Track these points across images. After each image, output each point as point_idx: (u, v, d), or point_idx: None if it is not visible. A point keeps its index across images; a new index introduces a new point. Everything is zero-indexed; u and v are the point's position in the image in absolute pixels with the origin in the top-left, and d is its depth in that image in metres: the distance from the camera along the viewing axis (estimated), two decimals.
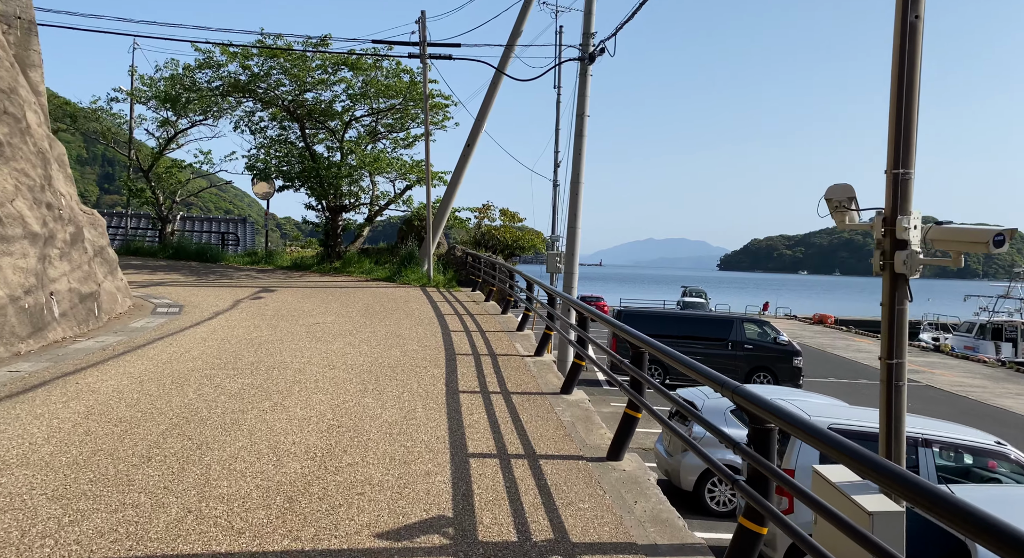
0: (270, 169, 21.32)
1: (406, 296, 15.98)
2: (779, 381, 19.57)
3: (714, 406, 9.93)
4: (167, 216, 24.30)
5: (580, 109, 18.06)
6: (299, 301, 14.44)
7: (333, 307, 13.67)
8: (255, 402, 6.38)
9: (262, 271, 21.13)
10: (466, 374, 8.01)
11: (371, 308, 13.70)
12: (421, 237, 21.08)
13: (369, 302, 14.62)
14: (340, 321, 11.84)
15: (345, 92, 21.35)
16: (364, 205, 22.96)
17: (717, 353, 19.73)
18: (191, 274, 19.22)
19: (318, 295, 15.62)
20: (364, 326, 11.37)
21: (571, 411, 6.64)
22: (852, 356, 30.81)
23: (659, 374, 19.72)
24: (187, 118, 23.37)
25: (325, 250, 22.53)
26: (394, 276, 19.34)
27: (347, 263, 21.46)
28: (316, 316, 12.37)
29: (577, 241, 18.34)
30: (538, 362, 8.94)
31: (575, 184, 18.17)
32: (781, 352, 19.81)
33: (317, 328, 10.97)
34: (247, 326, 10.94)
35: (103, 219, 13.36)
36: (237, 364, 8.01)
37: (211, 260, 23.02)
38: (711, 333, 20.10)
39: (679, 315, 20.24)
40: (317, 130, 22.92)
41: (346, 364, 8.27)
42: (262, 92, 20.86)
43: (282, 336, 10.10)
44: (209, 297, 14.66)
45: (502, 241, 21.01)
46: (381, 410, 6.33)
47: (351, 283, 18.52)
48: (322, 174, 20.58)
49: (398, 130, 23.32)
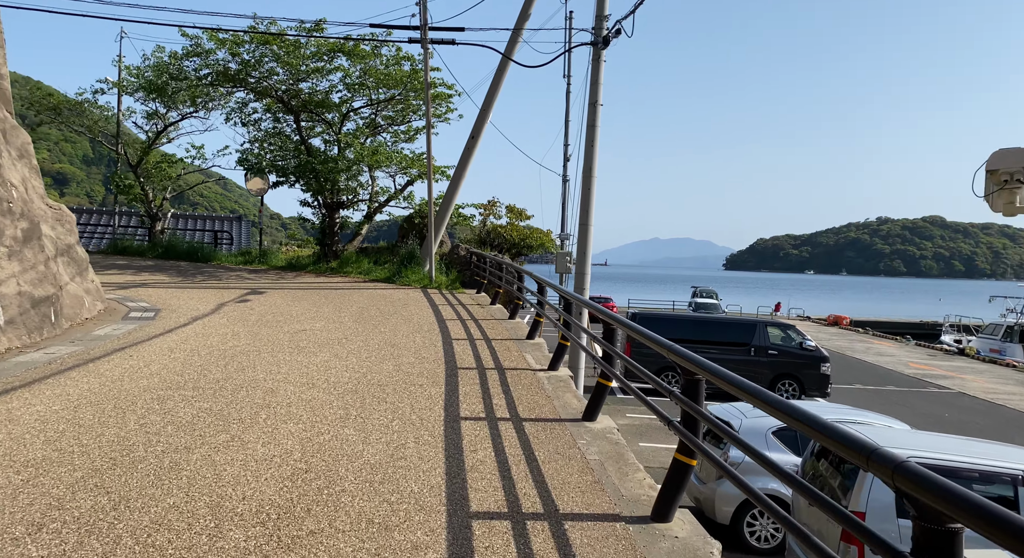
0: (263, 164, 20.12)
1: (405, 299, 14.76)
2: (805, 390, 18.30)
3: (753, 426, 8.68)
4: (157, 213, 23.13)
5: (593, 97, 16.83)
6: (288, 304, 13.24)
7: (324, 311, 12.46)
8: (208, 435, 5.16)
9: (254, 271, 19.94)
10: (469, 394, 6.77)
11: (366, 312, 12.48)
12: (423, 235, 19.87)
13: (364, 305, 13.40)
14: (330, 328, 10.63)
15: (342, 81, 20.15)
16: (363, 202, 21.76)
17: (738, 359, 18.46)
18: (178, 275, 18.05)
19: (310, 298, 14.42)
20: (356, 334, 10.15)
21: (598, 446, 5.40)
22: (874, 360, 29.48)
23: (675, 381, 18.46)
24: (177, 110, 22.21)
25: (321, 249, 21.34)
26: (393, 277, 18.13)
27: (344, 263, 20.26)
28: (304, 322, 11.16)
29: (589, 240, 17.13)
30: (553, 378, 7.70)
31: (587, 178, 16.95)
32: (807, 358, 18.52)
33: (303, 336, 9.75)
34: (224, 334, 9.73)
35: (72, 215, 12.17)
36: (200, 382, 6.79)
37: (202, 260, 21.86)
38: (732, 337, 18.83)
39: (697, 318, 19.01)
40: (313, 123, 21.73)
41: (328, 382, 7.05)
42: (254, 82, 19.67)
43: (261, 346, 8.89)
44: (191, 300, 13.48)
45: (509, 240, 19.76)
46: (363, 445, 5.10)
47: (347, 284, 17.31)
48: (318, 169, 19.38)
49: (399, 123, 22.12)
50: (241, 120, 20.86)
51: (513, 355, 8.94)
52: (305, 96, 20.34)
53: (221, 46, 18.41)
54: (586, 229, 16.99)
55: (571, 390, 7.16)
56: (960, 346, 34.68)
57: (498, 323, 11.76)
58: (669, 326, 18.92)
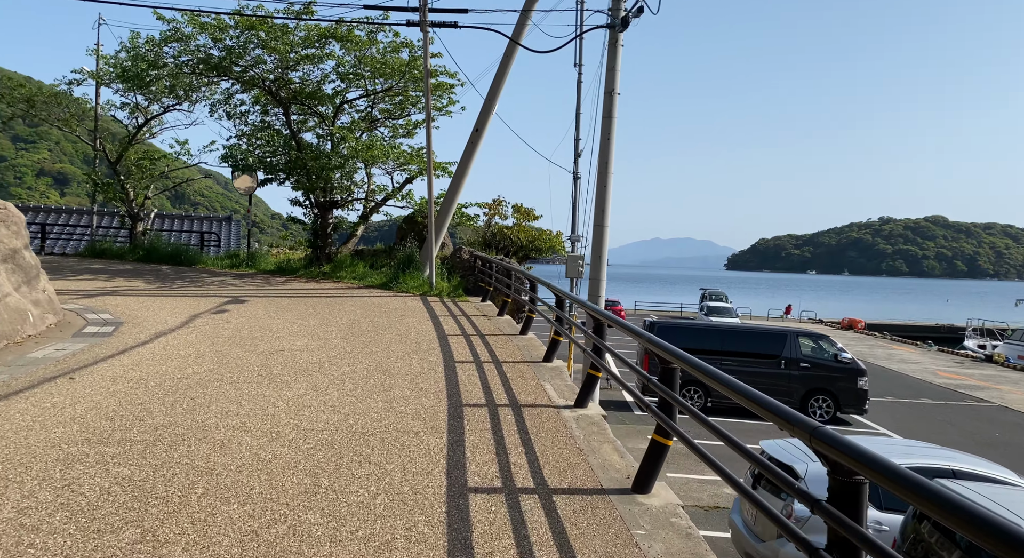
0: (251, 160, 18.58)
1: (402, 309, 13.23)
2: (841, 406, 16.77)
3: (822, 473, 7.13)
4: (138, 214, 21.61)
5: (609, 85, 15.30)
6: (270, 316, 11.72)
7: (310, 325, 10.93)
8: (106, 531, 3.62)
9: (240, 276, 18.42)
10: (479, 447, 5.24)
11: (357, 326, 10.95)
12: (423, 237, 18.33)
13: (356, 317, 11.87)
14: (313, 347, 9.10)
15: (335, 70, 18.63)
16: (358, 201, 20.22)
17: (767, 372, 16.94)
18: (156, 280, 16.54)
19: (296, 307, 12.90)
20: (342, 355, 8.62)
21: (663, 539, 3.86)
22: (899, 368, 27.93)
23: (698, 396, 16.95)
24: (158, 103, 20.69)
25: (313, 252, 19.80)
26: (390, 283, 16.60)
27: (337, 267, 18.73)
28: (284, 339, 9.64)
29: (605, 242, 15.60)
30: (582, 419, 6.17)
31: (603, 174, 15.41)
32: (843, 371, 16.98)
33: (279, 359, 8.22)
34: (186, 356, 8.21)
35: (20, 215, 10.64)
36: (132, 432, 5.27)
37: (185, 263, 20.36)
38: (760, 348, 17.28)
39: (722, 328, 17.50)
40: (305, 116, 20.22)
41: (299, 429, 5.52)
42: (240, 71, 18.14)
43: (226, 373, 7.36)
44: (162, 310, 11.97)
45: (515, 242, 18.22)
46: (332, 546, 3.57)
47: (339, 291, 15.79)
48: (309, 165, 17.85)
49: (397, 116, 20.59)
50: (227, 113, 19.32)
51: (529, 384, 7.40)
52: (295, 86, 18.81)
53: (202, 31, 16.87)
54: (601, 230, 15.47)
55: (608, 439, 5.63)
56: (986, 352, 33.10)
57: (507, 340, 10.22)
58: (691, 336, 17.40)
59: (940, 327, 49.36)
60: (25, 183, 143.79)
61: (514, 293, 12.64)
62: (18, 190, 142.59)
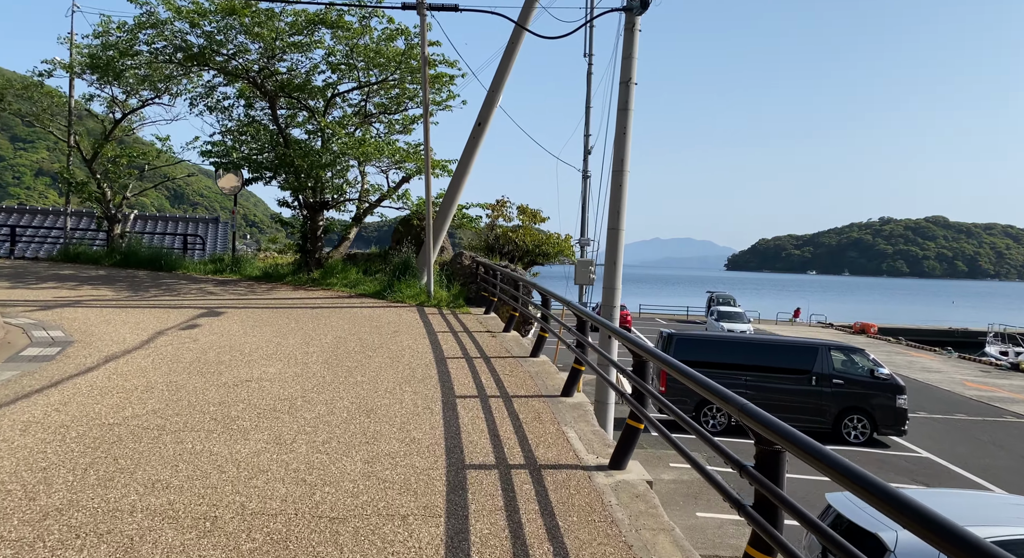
0: (234, 156, 17.13)
1: (396, 322, 11.80)
2: (877, 426, 15.33)
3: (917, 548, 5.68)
4: (115, 215, 20.16)
5: (625, 74, 13.87)
6: (246, 333, 10.29)
7: (289, 345, 9.50)
8: None
9: (223, 283, 16.99)
10: (490, 542, 3.80)
11: (343, 346, 9.52)
12: (420, 241, 16.89)
13: (343, 334, 10.44)
14: (287, 375, 7.67)
15: (325, 60, 17.20)
16: (351, 201, 18.79)
17: (797, 389, 15.51)
18: (128, 288, 15.11)
19: (277, 321, 11.47)
20: (320, 387, 7.19)
21: None
22: (923, 378, 26.48)
23: (722, 415, 15.51)
24: (137, 96, 19.25)
25: (302, 257, 18.37)
26: (384, 291, 15.16)
27: (328, 273, 17.30)
28: (255, 364, 8.21)
29: (620, 246, 14.17)
30: (623, 491, 4.72)
31: (618, 172, 13.98)
32: (880, 388, 15.53)
33: (242, 393, 6.79)
34: (131, 389, 6.78)
35: None
36: (6, 520, 3.83)
37: (165, 268, 18.95)
38: (789, 363, 15.83)
39: (747, 341, 16.07)
40: (294, 111, 18.79)
41: (244, 513, 4.08)
42: (222, 60, 16.71)
43: (172, 416, 5.93)
44: (124, 326, 10.56)
45: (521, 246, 16.77)
46: None
47: (328, 301, 14.36)
48: (297, 163, 16.41)
49: (393, 111, 19.15)
50: (208, 107, 17.87)
51: (548, 431, 5.96)
52: (282, 78, 17.38)
53: (178, 15, 15.42)
54: (616, 234, 14.04)
55: (662, 524, 4.18)
56: (1010, 360, 31.65)
57: (516, 364, 8.78)
58: (714, 349, 15.97)
59: (954, 331, 47.94)
60: (24, 183, 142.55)
61: (522, 306, 11.21)
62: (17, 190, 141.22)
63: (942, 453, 15.28)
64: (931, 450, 15.53)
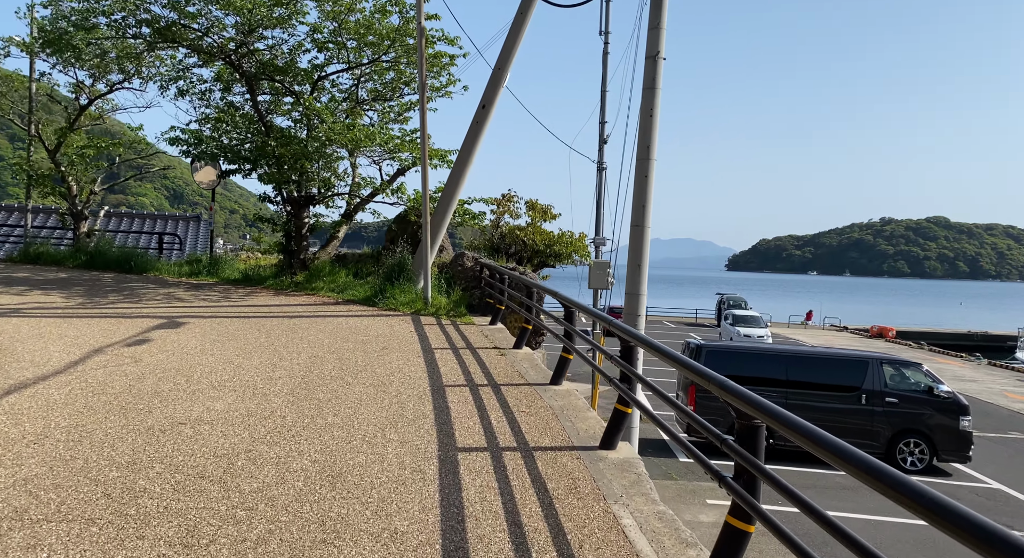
0: (209, 145, 15.27)
1: (387, 336, 9.96)
2: (938, 452, 13.49)
3: None
4: (82, 212, 18.32)
5: (652, 48, 12.06)
6: (204, 350, 8.47)
7: (251, 367, 7.67)
8: None
9: (196, 287, 15.17)
10: None
11: (318, 369, 7.68)
12: (417, 240, 15.04)
13: (321, 352, 8.61)
14: (236, 415, 5.84)
15: (310, 37, 15.38)
16: (340, 196, 16.94)
17: (844, 408, 13.68)
18: (85, 293, 13.28)
19: (245, 334, 9.65)
20: (276, 434, 5.35)
21: None
22: (958, 388, 24.50)
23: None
24: (104, 80, 17.41)
25: (286, 258, 16.52)
26: (375, 297, 13.33)
27: (314, 275, 15.48)
28: (200, 396, 6.38)
29: (645, 247, 12.37)
30: None
31: (644, 161, 12.17)
32: (940, 408, 13.68)
33: (165, 447, 4.95)
34: (13, 439, 4.95)
35: None
36: None
37: (136, 270, 17.10)
38: (835, 378, 13.99)
39: (786, 353, 14.23)
40: (278, 96, 16.95)
41: None
42: (194, 38, 14.87)
43: (42, 493, 4.09)
44: (60, 340, 8.76)
45: (530, 246, 14.92)
46: None
47: (311, 309, 12.53)
48: (278, 152, 14.56)
49: (388, 97, 17.30)
50: (180, 90, 16.01)
51: (592, 515, 4.11)
52: (263, 58, 15.55)
53: None
54: (641, 232, 12.23)
55: None
56: None
57: (535, 395, 6.94)
58: (749, 363, 14.14)
59: (974, 334, 46.10)
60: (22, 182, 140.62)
61: (536, 317, 9.37)
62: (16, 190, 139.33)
63: (1014, 483, 13.43)
64: (1000, 479, 13.67)
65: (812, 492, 12.29)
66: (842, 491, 12.30)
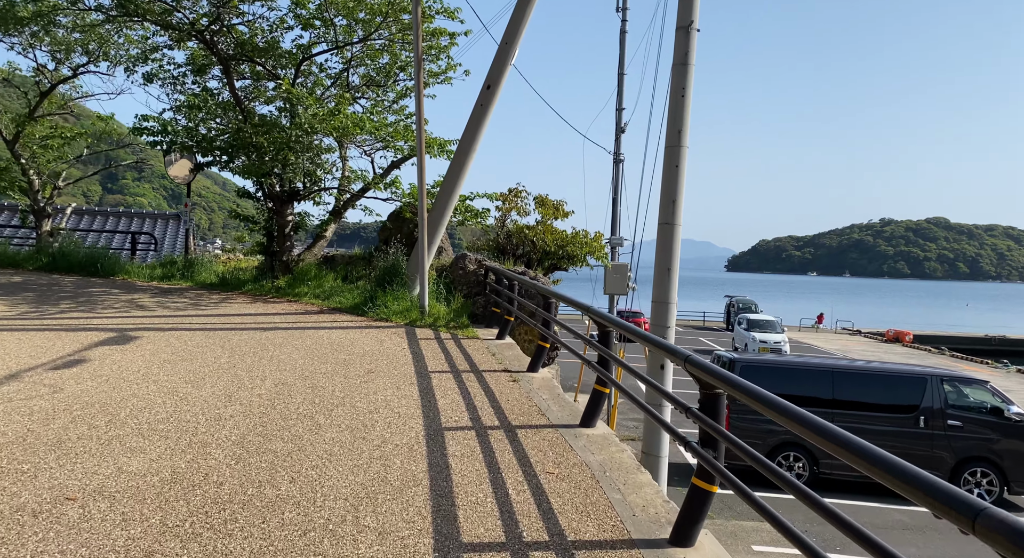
0: (172, 133, 13.59)
1: (375, 354, 8.30)
2: (1009, 482, 11.84)
3: None
4: (44, 208, 16.65)
5: (684, 18, 10.44)
6: (146, 375, 6.81)
7: (199, 400, 6.00)
8: None
9: (166, 292, 13.51)
10: None
11: (281, 404, 6.01)
12: (413, 239, 13.38)
13: (290, 379, 6.94)
14: (152, 482, 4.16)
15: (292, 12, 13.72)
16: (328, 191, 15.27)
17: (900, 432, 12.03)
18: (33, 301, 11.62)
19: (205, 353, 7.99)
20: (201, 519, 3.67)
21: None
22: None
23: (801, 466, 12.07)
24: (67, 64, 15.74)
25: (267, 260, 14.86)
26: (365, 305, 11.67)
27: (298, 280, 13.83)
28: (116, 448, 4.72)
29: (676, 248, 10.74)
30: None
31: (674, 148, 10.53)
32: (1012, 432, 12.02)
33: (25, 549, 3.27)
34: None
35: None
36: None
37: (102, 273, 15.47)
38: (888, 397, 12.34)
39: (832, 368, 12.55)
40: (259, 80, 15.30)
41: None
42: (162, 12, 13.22)
43: None
44: None
45: (540, 247, 13.26)
46: None
47: (289, 319, 10.85)
48: (257, 142, 12.88)
49: (380, 84, 15.64)
50: (148, 75, 14.33)
51: None
52: (241, 36, 13.90)
53: None
54: (671, 231, 10.59)
55: None
56: None
57: (564, 443, 5.28)
58: (789, 379, 12.48)
59: (991, 338, 44.45)
60: None
61: (553, 333, 7.69)
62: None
63: None
64: None
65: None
66: (904, 531, 10.65)
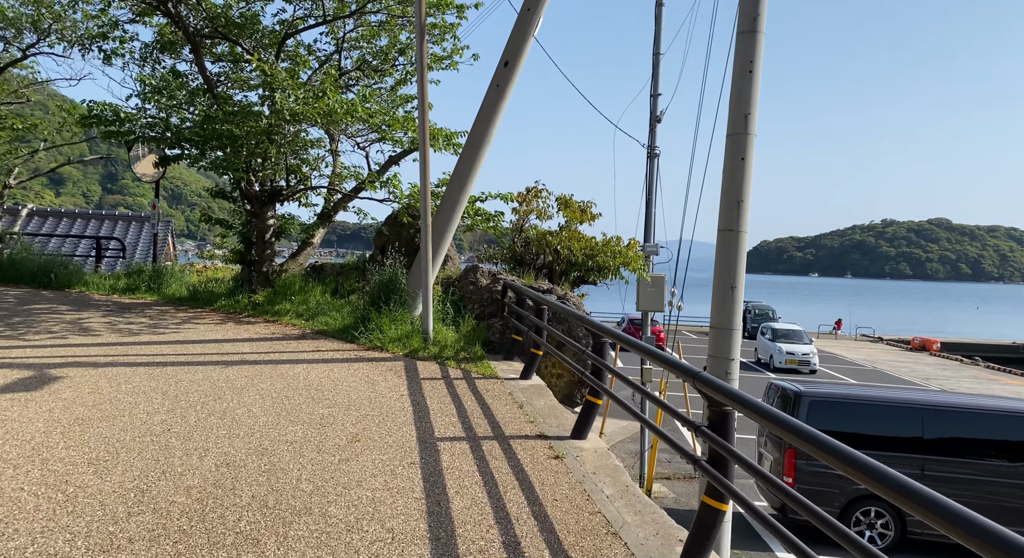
0: (127, 122, 11.50)
1: (364, 408, 6.22)
2: None
3: None
4: None
5: None
6: (34, 449, 4.74)
7: (90, 502, 3.91)
8: None
9: (124, 309, 11.47)
10: None
11: (215, 514, 3.93)
12: (414, 247, 11.29)
13: (241, 457, 4.86)
14: None
15: None
16: (316, 190, 13.23)
17: (1003, 482, 9.98)
18: None
19: (135, 406, 5.92)
20: None
21: None
22: None
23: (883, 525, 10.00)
24: (15, 43, 13.70)
25: (244, 270, 12.81)
26: (356, 328, 9.61)
27: (279, 294, 11.79)
28: None
29: (741, 259, 8.70)
30: None
31: (737, 137, 8.50)
32: None
33: None
34: None
35: None
36: None
37: (57, 284, 13.50)
38: (986, 436, 10.29)
39: (920, 404, 10.47)
40: (237, 62, 13.27)
41: None
42: None
43: None
44: None
45: (565, 256, 11.18)
46: None
47: (263, 348, 8.78)
48: (231, 132, 10.80)
49: (378, 68, 13.61)
50: (106, 53, 12.27)
51: None
52: (212, 8, 11.85)
53: None
54: (735, 238, 8.57)
55: None
56: None
57: None
58: (868, 416, 10.43)
59: (1020, 346, 42.41)
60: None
61: (607, 386, 5.62)
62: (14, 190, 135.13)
63: None
64: None
65: None
66: None
